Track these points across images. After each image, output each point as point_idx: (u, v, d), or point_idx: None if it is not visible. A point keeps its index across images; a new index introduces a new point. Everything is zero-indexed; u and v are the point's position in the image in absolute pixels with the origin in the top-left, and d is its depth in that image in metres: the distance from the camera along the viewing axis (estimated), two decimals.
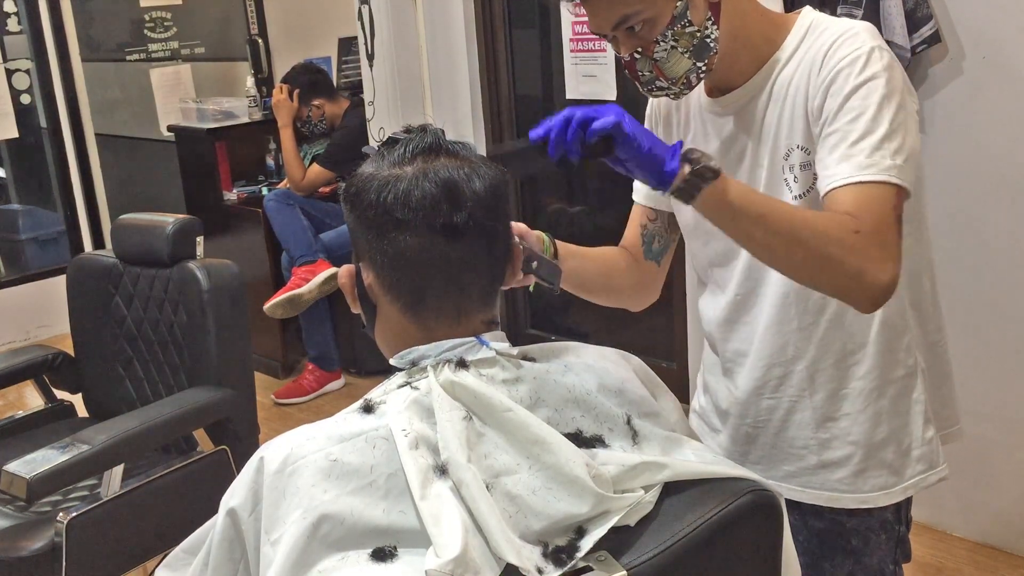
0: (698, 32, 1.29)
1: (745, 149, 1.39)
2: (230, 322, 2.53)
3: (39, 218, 5.50)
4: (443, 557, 0.93)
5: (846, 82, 1.25)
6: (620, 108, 1.14)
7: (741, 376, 1.48)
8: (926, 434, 1.43)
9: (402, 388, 1.08)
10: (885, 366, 1.40)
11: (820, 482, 1.44)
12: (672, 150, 1.15)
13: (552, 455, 1.03)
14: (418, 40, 3.80)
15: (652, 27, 1.28)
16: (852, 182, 1.21)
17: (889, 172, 1.20)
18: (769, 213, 1.17)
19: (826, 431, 1.43)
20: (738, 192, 1.17)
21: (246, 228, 4.37)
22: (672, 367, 3.35)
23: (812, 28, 1.34)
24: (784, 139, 1.34)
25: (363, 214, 1.11)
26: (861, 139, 1.22)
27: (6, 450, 2.46)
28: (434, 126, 1.15)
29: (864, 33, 1.29)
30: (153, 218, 2.69)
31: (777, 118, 1.35)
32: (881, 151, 1.21)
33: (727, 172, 1.36)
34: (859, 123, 1.23)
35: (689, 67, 1.31)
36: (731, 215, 1.17)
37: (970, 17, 2.41)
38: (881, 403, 1.41)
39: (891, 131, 1.22)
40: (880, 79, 1.24)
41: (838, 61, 1.27)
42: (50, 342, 3.95)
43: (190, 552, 1.14)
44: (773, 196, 1.33)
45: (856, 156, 1.22)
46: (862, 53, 1.26)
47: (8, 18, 4.97)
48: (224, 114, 4.63)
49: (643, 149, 1.13)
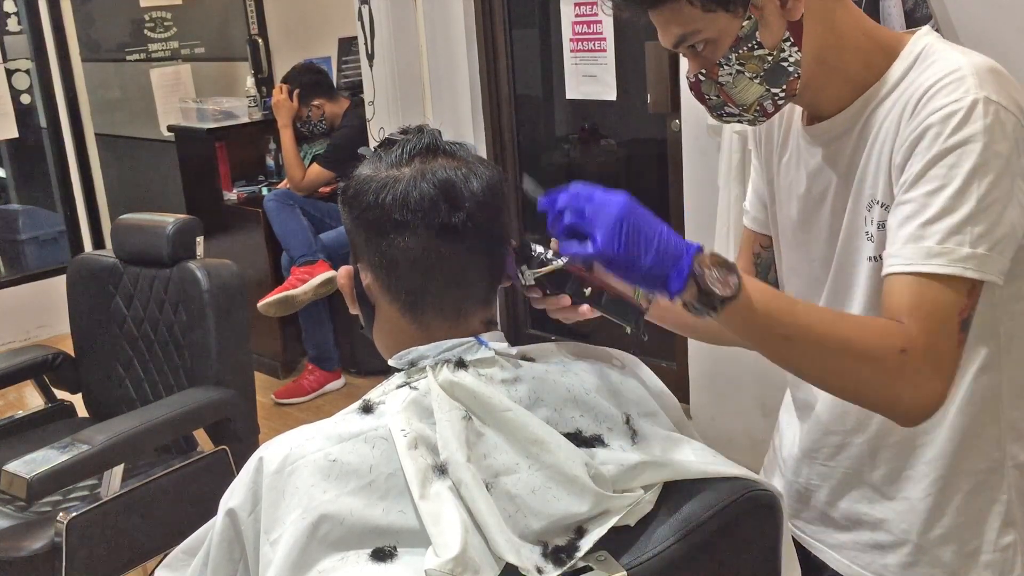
0: (769, 56, 1.13)
1: (828, 190, 1.23)
2: (230, 322, 2.53)
3: (39, 218, 5.50)
4: (443, 556, 0.93)
5: (933, 143, 1.06)
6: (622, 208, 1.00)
7: (803, 431, 1.35)
8: (1002, 539, 1.23)
9: (401, 388, 1.08)
10: (960, 455, 1.21)
11: (868, 561, 1.29)
12: (679, 267, 1.00)
13: (551, 455, 1.03)
14: (418, 40, 3.80)
15: (714, 48, 1.13)
16: (914, 271, 1.05)
17: (965, 264, 1.04)
18: (797, 334, 1.04)
19: (881, 511, 1.27)
20: (763, 309, 1.03)
21: (246, 228, 4.37)
22: (672, 367, 3.35)
23: (922, 57, 1.13)
24: (867, 189, 1.17)
25: (361, 215, 1.11)
26: (937, 219, 1.05)
27: (6, 450, 2.46)
28: (431, 126, 1.15)
29: (972, 77, 1.07)
30: (153, 218, 2.69)
31: (864, 162, 1.17)
32: (959, 236, 1.04)
33: (808, 210, 1.26)
34: (939, 198, 1.05)
35: (761, 93, 1.15)
36: (757, 335, 1.06)
37: (970, 17, 2.41)
38: (948, 494, 1.22)
39: (978, 211, 1.04)
40: (976, 143, 1.04)
41: (930, 114, 1.07)
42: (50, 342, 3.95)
43: (190, 553, 1.14)
44: (852, 248, 1.20)
45: (927, 239, 1.05)
46: (961, 108, 1.05)
47: (8, 18, 4.96)
48: (224, 114, 4.63)
49: (639, 268, 1.00)
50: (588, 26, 3.36)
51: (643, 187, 3.65)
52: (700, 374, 3.20)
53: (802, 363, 1.08)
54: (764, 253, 1.42)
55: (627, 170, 3.79)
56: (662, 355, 3.42)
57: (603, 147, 3.76)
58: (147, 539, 2.30)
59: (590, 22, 3.35)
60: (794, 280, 1.34)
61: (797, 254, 1.33)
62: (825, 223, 1.25)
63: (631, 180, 3.79)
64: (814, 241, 1.28)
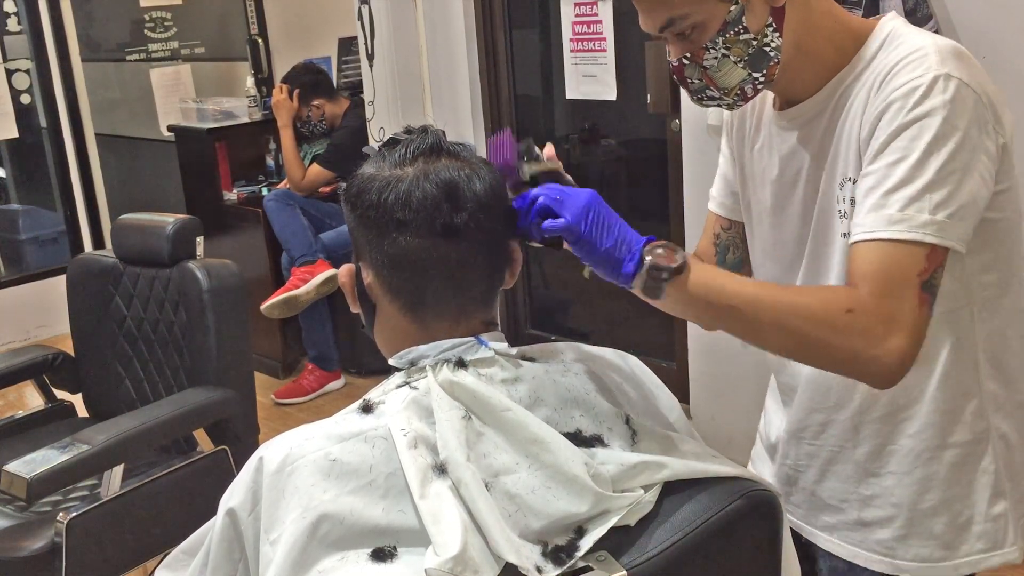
0: (754, 40, 1.17)
1: (801, 171, 1.27)
2: (230, 322, 2.53)
3: (39, 218, 5.50)
4: (442, 556, 0.93)
5: (896, 116, 1.10)
6: (591, 197, 1.09)
7: (788, 414, 1.38)
8: (993, 509, 1.25)
9: (401, 388, 1.08)
10: (944, 427, 1.24)
11: (859, 539, 1.32)
12: (632, 251, 1.09)
13: (551, 454, 1.03)
14: (418, 40, 3.81)
15: (702, 32, 1.16)
16: (875, 238, 1.09)
17: (924, 229, 1.07)
18: (744, 304, 1.09)
19: (868, 487, 1.30)
20: (706, 285, 1.10)
21: (246, 228, 4.37)
22: (672, 367, 3.35)
23: (889, 40, 1.18)
24: (840, 167, 1.21)
25: (364, 214, 1.11)
26: (898, 188, 1.09)
27: (6, 450, 2.46)
28: (435, 127, 1.15)
29: (935, 55, 1.12)
30: (153, 218, 2.69)
31: (835, 141, 1.21)
32: (918, 203, 1.07)
33: (781, 194, 1.30)
34: (899, 168, 1.09)
35: (743, 77, 1.19)
36: (704, 309, 1.12)
37: (970, 17, 2.41)
38: (934, 467, 1.25)
39: (937, 179, 1.07)
40: (936, 116, 1.08)
41: (893, 90, 1.12)
42: (50, 342, 3.95)
43: (190, 553, 1.14)
44: (825, 227, 1.24)
45: (887, 208, 1.09)
46: (922, 83, 1.10)
47: (8, 18, 4.96)
48: (224, 114, 4.63)
49: (598, 250, 1.09)
50: (588, 26, 3.36)
51: (643, 187, 3.65)
52: (700, 374, 3.20)
53: (754, 331, 1.11)
54: (723, 234, 1.48)
55: (627, 170, 3.79)
56: (662, 355, 3.42)
57: (603, 147, 3.76)
58: (147, 539, 2.30)
59: (590, 22, 3.35)
60: (768, 264, 1.37)
61: (771, 237, 1.36)
62: (798, 205, 1.28)
63: (631, 180, 3.79)
64: (788, 223, 1.31)
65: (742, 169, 1.40)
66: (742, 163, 1.40)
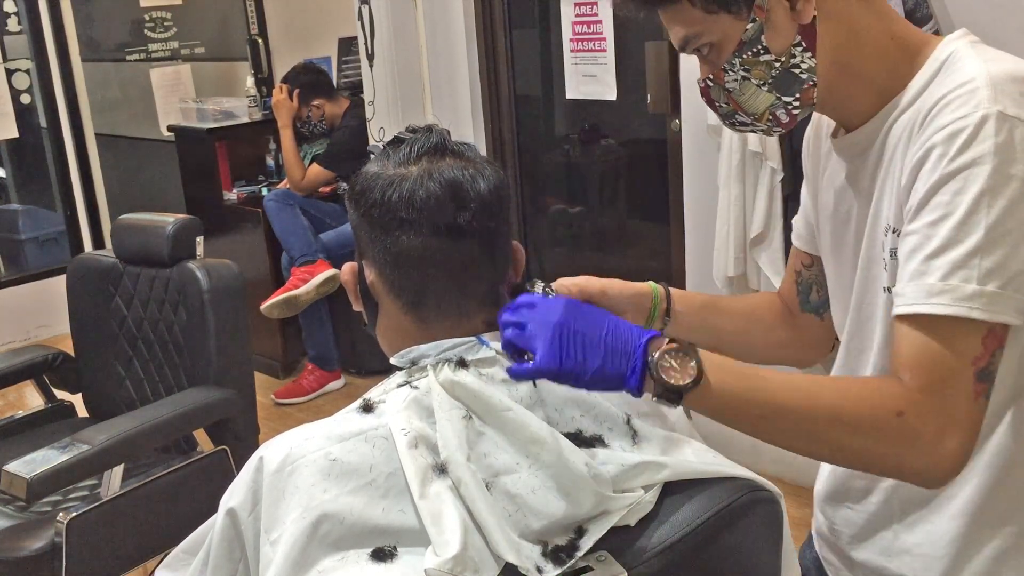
0: (777, 62, 1.04)
1: (851, 211, 1.13)
2: (230, 322, 2.53)
3: (39, 218, 5.50)
4: (442, 556, 0.93)
5: (937, 165, 0.94)
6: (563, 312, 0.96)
7: (829, 469, 1.26)
8: None
9: (401, 387, 1.08)
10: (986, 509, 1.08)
11: None
12: (633, 359, 0.95)
13: (551, 454, 1.03)
14: (418, 40, 3.81)
15: (718, 52, 1.06)
16: (916, 312, 0.93)
17: (971, 303, 0.91)
18: (774, 414, 0.95)
19: (897, 566, 1.16)
20: (731, 391, 0.96)
21: (246, 228, 4.37)
22: None
23: (947, 66, 1.01)
24: (884, 212, 1.06)
25: (367, 212, 1.11)
26: (940, 252, 0.93)
27: (6, 450, 2.46)
28: (439, 126, 1.15)
29: (986, 89, 0.94)
30: (153, 218, 2.69)
31: (880, 183, 1.06)
32: (964, 271, 0.91)
33: (836, 233, 1.16)
34: (942, 228, 0.93)
35: (772, 102, 1.07)
36: (733, 421, 0.98)
37: (970, 17, 2.41)
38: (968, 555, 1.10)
39: (986, 242, 0.91)
40: (984, 165, 0.91)
41: (935, 132, 0.96)
42: (50, 342, 3.95)
43: (190, 552, 1.14)
44: (870, 276, 1.10)
45: (928, 276, 0.93)
46: (968, 124, 0.93)
47: (8, 18, 4.97)
48: (224, 114, 4.63)
49: (584, 378, 0.95)
50: (588, 26, 3.36)
51: (643, 187, 3.65)
52: None
53: (788, 441, 0.98)
54: (805, 272, 1.31)
55: (627, 170, 3.79)
56: None
57: (603, 147, 3.76)
58: (147, 539, 2.30)
59: (590, 22, 3.35)
60: (835, 305, 1.24)
61: (833, 279, 1.24)
62: (850, 247, 1.15)
63: (631, 180, 3.79)
64: (842, 265, 1.19)
65: (814, 197, 1.26)
66: (814, 190, 1.26)
